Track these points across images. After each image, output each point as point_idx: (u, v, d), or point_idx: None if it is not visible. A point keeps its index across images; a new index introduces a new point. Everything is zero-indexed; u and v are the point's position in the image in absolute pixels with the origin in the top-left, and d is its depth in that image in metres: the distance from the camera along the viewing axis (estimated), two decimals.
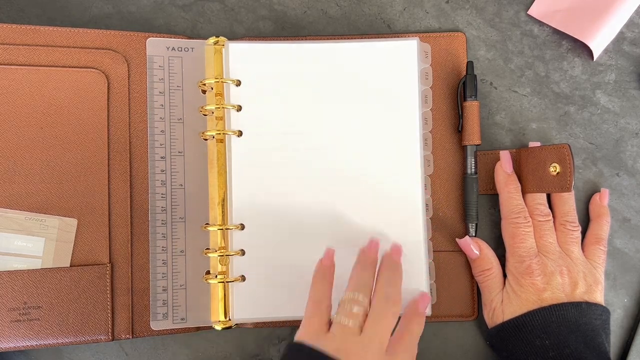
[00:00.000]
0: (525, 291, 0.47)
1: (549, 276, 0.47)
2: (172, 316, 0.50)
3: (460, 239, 0.51)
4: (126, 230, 0.50)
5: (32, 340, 0.47)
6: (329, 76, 0.50)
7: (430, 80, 0.53)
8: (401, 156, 0.50)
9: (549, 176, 0.48)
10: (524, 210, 0.49)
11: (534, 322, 0.46)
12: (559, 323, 0.46)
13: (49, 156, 0.49)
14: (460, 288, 0.52)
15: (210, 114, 0.50)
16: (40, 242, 0.48)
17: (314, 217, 0.49)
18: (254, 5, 0.55)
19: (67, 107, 0.50)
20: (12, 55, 0.49)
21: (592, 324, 0.47)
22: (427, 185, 0.51)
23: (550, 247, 0.49)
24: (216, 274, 0.49)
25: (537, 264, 0.47)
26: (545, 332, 0.46)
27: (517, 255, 0.48)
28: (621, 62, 0.54)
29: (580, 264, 0.49)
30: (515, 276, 0.48)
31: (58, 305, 0.48)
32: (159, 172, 0.51)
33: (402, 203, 0.50)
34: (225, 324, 0.49)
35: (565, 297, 0.47)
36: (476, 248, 0.51)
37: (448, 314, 0.52)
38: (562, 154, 0.48)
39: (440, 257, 0.52)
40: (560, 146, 0.48)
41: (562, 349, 0.45)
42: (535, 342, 0.46)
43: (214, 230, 0.49)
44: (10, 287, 0.47)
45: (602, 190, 0.53)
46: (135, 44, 0.52)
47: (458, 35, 0.54)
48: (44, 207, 0.48)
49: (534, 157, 0.50)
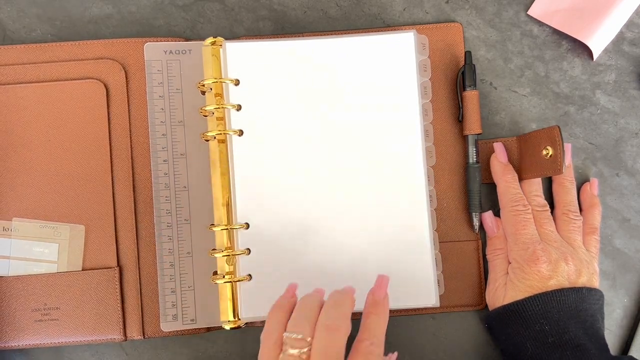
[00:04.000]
0: (530, 278, 0.47)
1: (554, 264, 0.47)
2: (182, 317, 0.51)
3: (484, 212, 0.52)
4: (132, 234, 0.51)
5: (53, 338, 0.50)
6: (327, 72, 0.50)
7: (429, 72, 0.53)
8: (403, 149, 0.50)
9: (542, 160, 0.49)
10: (522, 198, 0.50)
11: (534, 307, 0.46)
12: (559, 309, 0.46)
13: (57, 167, 0.51)
14: (468, 277, 0.52)
15: (211, 114, 0.50)
16: (54, 247, 0.51)
17: (318, 213, 0.50)
18: (254, 5, 0.55)
19: (71, 119, 0.52)
20: (20, 75, 0.52)
21: (591, 309, 0.47)
22: (430, 176, 0.51)
23: (551, 235, 0.49)
24: (223, 274, 0.49)
25: (541, 250, 0.47)
26: (545, 317, 0.46)
27: (520, 243, 0.48)
28: (621, 62, 0.54)
29: (582, 253, 0.49)
30: (520, 264, 0.48)
31: (74, 306, 0.51)
32: (162, 175, 0.51)
33: (406, 195, 0.50)
34: (235, 324, 0.49)
35: (569, 284, 0.47)
36: (495, 227, 0.51)
37: (456, 304, 0.52)
38: (552, 136, 0.48)
39: (447, 247, 0.52)
40: (550, 129, 0.48)
41: (561, 334, 0.45)
42: (534, 327, 0.46)
43: (220, 230, 0.49)
44: (32, 290, 0.50)
45: (591, 180, 0.53)
46: (132, 50, 0.53)
47: (454, 25, 0.54)
48: (56, 215, 0.51)
49: (529, 142, 0.51)
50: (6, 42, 0.54)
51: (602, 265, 0.53)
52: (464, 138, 0.53)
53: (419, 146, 0.50)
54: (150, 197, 0.52)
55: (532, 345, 0.46)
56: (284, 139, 0.50)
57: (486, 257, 0.52)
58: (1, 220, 0.51)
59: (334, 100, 0.50)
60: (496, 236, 0.51)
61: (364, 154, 0.50)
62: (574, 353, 0.44)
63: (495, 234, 0.51)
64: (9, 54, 0.52)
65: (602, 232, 0.52)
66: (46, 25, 0.54)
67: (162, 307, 0.51)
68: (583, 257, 0.48)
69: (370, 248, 0.50)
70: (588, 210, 0.52)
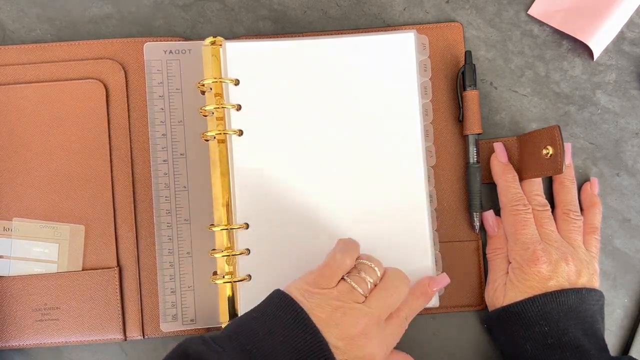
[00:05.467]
0: (529, 279, 0.47)
1: (554, 264, 0.47)
2: (182, 317, 0.51)
3: (485, 211, 0.52)
4: (132, 234, 0.52)
5: (54, 338, 0.50)
6: (327, 71, 0.50)
7: (429, 72, 0.53)
8: (403, 149, 0.50)
9: (543, 159, 0.49)
10: (522, 198, 0.49)
11: (534, 308, 0.46)
12: (559, 310, 0.46)
13: (57, 166, 0.52)
14: (468, 277, 0.52)
15: (210, 114, 0.50)
16: (54, 247, 0.51)
17: (317, 212, 0.50)
18: (254, 5, 0.55)
19: (71, 119, 0.52)
20: (20, 75, 0.52)
21: (591, 310, 0.47)
22: (430, 176, 0.51)
23: (551, 235, 0.49)
24: (223, 275, 0.49)
25: (542, 251, 0.47)
26: (544, 318, 0.46)
27: (520, 243, 0.48)
28: (621, 62, 0.54)
29: (582, 253, 0.49)
30: (520, 264, 0.48)
31: (74, 306, 0.51)
32: (162, 175, 0.51)
33: (406, 195, 0.50)
34: None
35: (569, 285, 0.47)
36: (496, 226, 0.51)
37: (456, 304, 0.52)
38: (553, 136, 0.48)
39: (447, 247, 0.52)
40: (551, 128, 0.48)
41: (561, 335, 0.45)
42: (534, 328, 0.46)
43: (219, 230, 0.49)
44: (32, 290, 0.51)
45: (592, 180, 0.53)
46: (132, 50, 0.53)
47: (455, 25, 0.54)
48: (56, 215, 0.51)
49: (529, 142, 0.51)
50: (6, 42, 0.54)
51: (602, 265, 0.53)
52: (464, 138, 0.53)
53: (419, 146, 0.50)
54: (150, 197, 0.52)
55: (532, 347, 0.46)
56: (283, 139, 0.50)
57: (486, 257, 0.52)
58: (1, 220, 0.51)
59: (334, 100, 0.50)
60: (497, 236, 0.51)
61: (364, 153, 0.50)
62: (573, 354, 0.44)
63: (496, 234, 0.51)
64: (9, 54, 0.52)
65: (602, 232, 0.52)
66: (46, 25, 0.54)
67: (162, 307, 0.51)
68: (583, 257, 0.48)
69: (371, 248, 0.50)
70: (588, 209, 0.52)
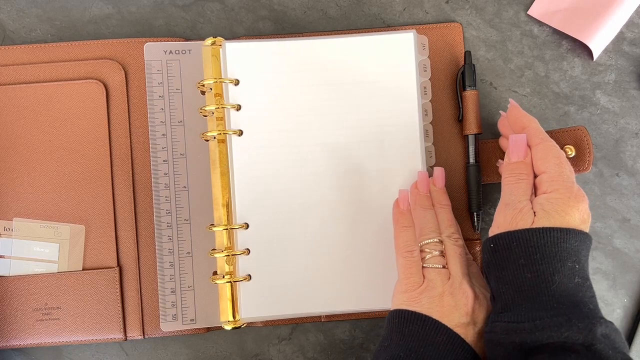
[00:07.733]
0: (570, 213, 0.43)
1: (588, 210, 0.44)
2: (182, 317, 0.51)
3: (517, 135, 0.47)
4: (132, 234, 0.52)
5: (54, 338, 0.51)
6: (327, 71, 0.50)
7: (428, 72, 0.53)
8: (403, 149, 0.50)
9: None
10: None
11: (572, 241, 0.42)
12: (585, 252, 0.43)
13: (57, 166, 0.52)
14: None
15: (210, 114, 0.50)
16: (55, 247, 0.51)
17: (316, 212, 0.50)
18: (254, 5, 0.55)
19: (71, 119, 0.52)
20: (20, 75, 0.52)
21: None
22: None
23: None
24: (223, 274, 0.49)
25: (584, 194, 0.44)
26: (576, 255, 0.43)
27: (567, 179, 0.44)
28: (621, 62, 0.54)
29: None
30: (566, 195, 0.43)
31: (75, 306, 0.51)
32: (162, 175, 0.51)
33: None
34: (235, 324, 0.49)
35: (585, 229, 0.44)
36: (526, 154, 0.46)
37: None
38: (578, 137, 0.50)
39: None
40: (576, 128, 0.50)
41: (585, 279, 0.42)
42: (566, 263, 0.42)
43: (219, 230, 0.49)
44: (32, 289, 0.51)
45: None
46: (132, 50, 0.53)
47: (454, 25, 0.54)
48: (57, 215, 0.52)
49: None
50: (6, 42, 0.54)
51: (602, 265, 0.53)
52: (464, 138, 0.53)
53: (419, 146, 0.50)
54: (150, 197, 0.52)
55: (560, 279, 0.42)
56: (283, 140, 0.50)
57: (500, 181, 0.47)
58: (2, 220, 0.51)
59: (333, 100, 0.50)
60: (523, 162, 0.46)
61: (363, 153, 0.50)
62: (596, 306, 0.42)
63: (523, 160, 0.46)
64: (9, 54, 0.52)
65: (602, 232, 0.52)
66: (46, 25, 0.54)
67: (162, 307, 0.51)
68: None
69: (371, 248, 0.50)
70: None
